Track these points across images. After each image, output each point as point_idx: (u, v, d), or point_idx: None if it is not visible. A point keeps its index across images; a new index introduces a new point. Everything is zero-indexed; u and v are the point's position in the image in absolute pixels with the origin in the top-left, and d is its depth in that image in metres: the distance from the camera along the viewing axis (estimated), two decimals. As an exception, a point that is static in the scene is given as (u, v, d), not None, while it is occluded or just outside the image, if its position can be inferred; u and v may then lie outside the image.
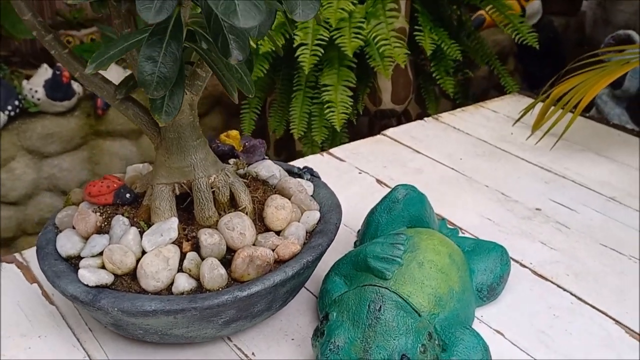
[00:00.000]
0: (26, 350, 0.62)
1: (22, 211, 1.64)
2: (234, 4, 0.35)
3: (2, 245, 1.64)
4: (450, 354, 0.58)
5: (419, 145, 1.01)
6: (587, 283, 0.71)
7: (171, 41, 0.42)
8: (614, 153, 0.99)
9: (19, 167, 1.60)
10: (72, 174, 1.67)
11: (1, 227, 1.61)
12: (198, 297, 0.55)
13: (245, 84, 0.50)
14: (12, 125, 1.59)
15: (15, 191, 1.60)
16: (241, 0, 0.36)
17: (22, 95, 1.61)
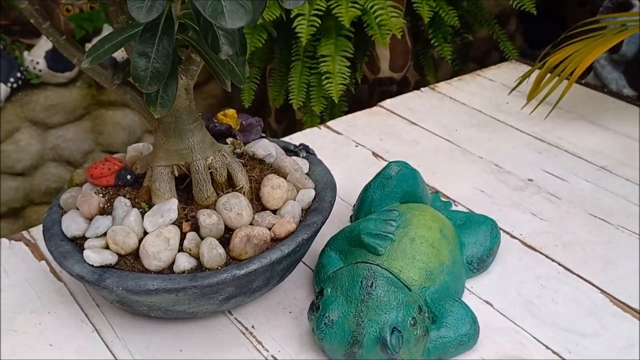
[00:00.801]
0: (37, 326, 0.65)
1: (28, 182, 1.67)
2: (221, 6, 0.37)
3: (11, 215, 1.68)
4: (440, 325, 0.61)
5: (415, 116, 1.03)
6: (574, 253, 0.74)
7: (163, 37, 0.43)
8: (607, 121, 1.01)
9: (24, 138, 1.62)
10: (77, 144, 1.69)
11: (10, 197, 1.64)
12: (198, 276, 0.58)
13: (237, 75, 0.52)
14: (15, 97, 1.60)
15: (21, 162, 1.63)
16: (228, 2, 0.37)
17: (24, 66, 1.62)
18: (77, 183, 0.70)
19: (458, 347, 0.61)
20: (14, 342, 0.63)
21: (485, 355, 0.61)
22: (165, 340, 0.63)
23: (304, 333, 0.64)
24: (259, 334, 0.64)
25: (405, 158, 0.90)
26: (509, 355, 0.61)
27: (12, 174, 1.64)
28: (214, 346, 0.63)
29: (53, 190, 1.70)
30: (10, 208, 1.66)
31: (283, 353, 0.62)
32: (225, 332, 0.64)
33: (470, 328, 0.61)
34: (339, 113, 1.31)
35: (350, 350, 0.57)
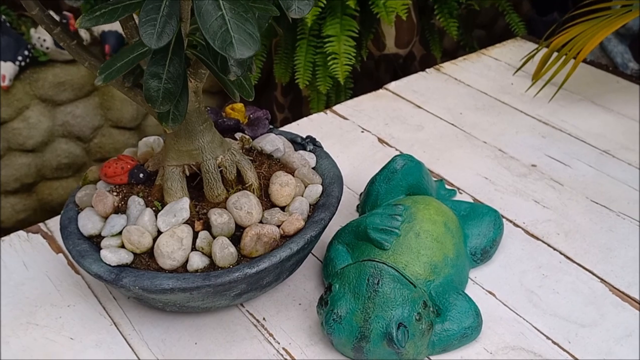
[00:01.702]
0: (57, 320, 0.68)
1: (40, 157, 1.69)
2: (229, 37, 0.38)
3: (24, 191, 1.71)
4: (444, 318, 0.63)
5: (420, 99, 1.04)
6: (575, 242, 0.76)
7: (174, 57, 0.45)
8: (611, 102, 1.02)
9: (34, 115, 1.64)
10: (86, 120, 1.71)
11: (22, 173, 1.67)
12: (211, 275, 0.61)
13: (246, 89, 0.53)
14: (24, 75, 1.61)
15: (32, 139, 1.65)
16: (237, 32, 0.38)
17: (31, 44, 1.63)
18: (91, 180, 0.72)
19: (461, 340, 0.63)
20: (36, 336, 0.66)
21: (487, 346, 0.64)
22: (181, 333, 0.66)
23: (313, 325, 0.66)
24: (270, 326, 0.67)
25: (411, 144, 0.92)
26: (510, 345, 0.64)
27: (23, 151, 1.66)
28: (227, 339, 0.65)
29: (64, 166, 1.72)
30: (23, 184, 1.69)
31: (293, 345, 0.64)
32: (237, 324, 0.67)
33: (473, 321, 0.63)
34: (344, 91, 1.32)
35: (358, 344, 0.60)
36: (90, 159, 1.76)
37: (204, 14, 0.38)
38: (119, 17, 0.44)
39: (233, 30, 0.38)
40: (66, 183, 1.75)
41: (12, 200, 1.70)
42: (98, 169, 0.72)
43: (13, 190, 1.69)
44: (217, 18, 0.38)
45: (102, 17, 0.43)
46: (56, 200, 1.75)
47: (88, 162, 1.76)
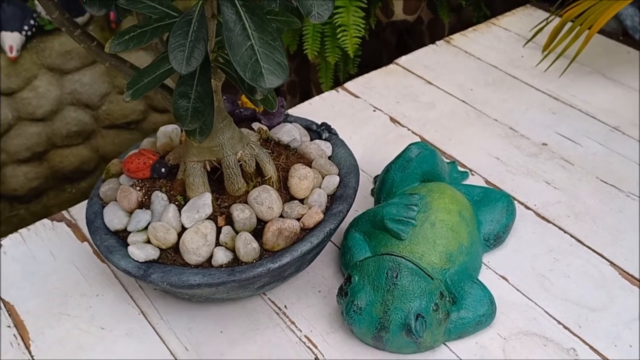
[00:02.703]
0: (88, 310, 0.71)
1: (49, 126, 1.70)
2: (259, 67, 0.39)
3: (35, 159, 1.72)
4: (460, 307, 0.66)
5: (431, 74, 1.04)
6: (585, 224, 0.78)
7: (201, 77, 0.46)
8: (621, 74, 1.02)
9: (42, 84, 1.64)
10: (94, 88, 1.71)
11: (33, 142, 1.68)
12: (236, 270, 0.63)
13: (270, 102, 0.54)
14: (31, 45, 1.61)
15: (41, 108, 1.66)
16: (266, 62, 0.39)
17: (37, 12, 1.62)
18: (113, 174, 0.73)
19: (476, 327, 0.66)
20: (69, 327, 0.69)
21: (500, 332, 0.67)
22: (206, 322, 0.69)
23: (333, 312, 0.69)
24: (292, 313, 0.69)
25: (422, 124, 0.93)
26: (523, 331, 0.67)
27: (33, 120, 1.68)
28: (250, 327, 0.68)
29: (73, 134, 1.73)
30: (35, 152, 1.71)
31: (315, 333, 0.67)
32: (260, 312, 0.70)
33: (487, 309, 0.66)
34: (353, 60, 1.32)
35: (377, 334, 0.63)
36: (100, 126, 1.77)
37: (234, 45, 0.39)
38: (148, 40, 0.45)
39: (263, 61, 0.39)
40: (77, 150, 1.77)
41: (25, 168, 1.72)
42: (120, 163, 0.74)
43: (25, 159, 1.71)
44: (247, 49, 0.39)
45: (132, 41, 0.44)
46: (67, 167, 1.77)
47: (97, 130, 1.77)
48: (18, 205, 1.77)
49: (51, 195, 1.81)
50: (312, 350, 0.66)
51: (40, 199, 1.80)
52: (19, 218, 1.78)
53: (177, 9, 0.49)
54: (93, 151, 1.80)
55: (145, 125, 1.82)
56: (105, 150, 1.80)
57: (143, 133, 1.81)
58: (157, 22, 0.45)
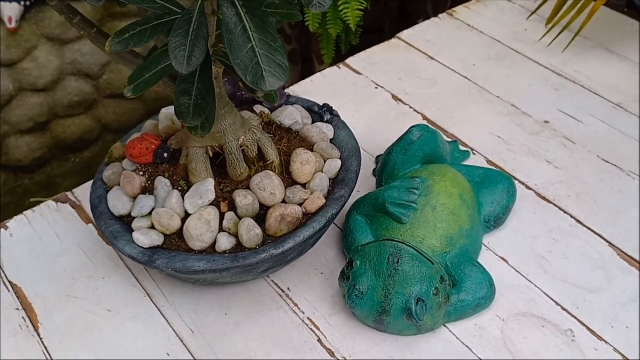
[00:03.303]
0: (95, 292, 0.72)
1: (51, 96, 1.70)
2: (260, 70, 0.39)
3: (38, 130, 1.73)
4: (460, 289, 0.67)
5: (433, 49, 1.03)
6: (586, 204, 0.78)
7: (202, 74, 0.46)
8: (625, 48, 1.01)
9: (42, 55, 1.63)
10: (94, 58, 1.70)
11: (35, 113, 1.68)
12: (239, 256, 0.64)
13: (271, 97, 0.54)
14: (29, 15, 1.60)
15: (42, 79, 1.65)
16: (267, 65, 0.39)
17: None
18: (116, 158, 0.74)
19: (476, 309, 0.67)
20: (78, 309, 0.70)
21: (499, 313, 0.68)
22: (211, 304, 0.70)
23: (335, 294, 0.70)
24: (295, 295, 0.70)
25: (424, 101, 0.93)
26: (522, 312, 0.68)
27: (35, 91, 1.67)
28: (255, 309, 0.69)
29: (75, 104, 1.73)
30: (37, 123, 1.71)
31: (317, 315, 0.69)
32: (264, 294, 0.71)
33: (487, 291, 0.67)
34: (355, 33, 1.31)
35: (379, 318, 0.64)
36: (101, 96, 1.77)
37: (235, 47, 0.39)
38: (149, 38, 0.45)
39: (264, 63, 0.39)
40: (79, 120, 1.77)
41: (28, 139, 1.73)
42: (122, 147, 0.74)
43: (27, 129, 1.71)
44: (248, 51, 0.39)
45: (132, 40, 0.44)
46: (70, 137, 1.77)
47: (99, 100, 1.77)
48: (22, 175, 1.78)
49: (55, 165, 1.82)
50: (315, 332, 0.67)
51: (44, 169, 1.80)
52: (23, 188, 1.79)
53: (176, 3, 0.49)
54: (95, 121, 1.80)
55: (146, 95, 1.82)
56: (107, 120, 1.80)
57: (144, 102, 1.80)
58: (157, 19, 0.45)
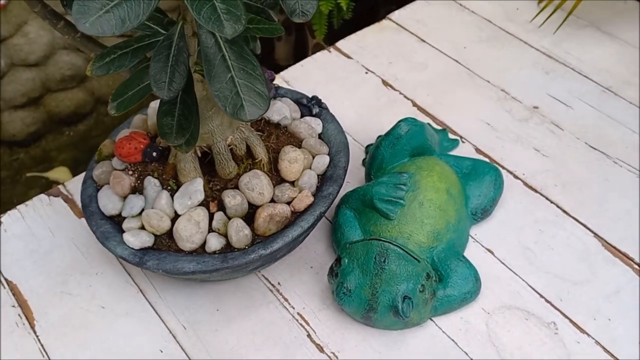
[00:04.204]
0: (88, 288, 0.73)
1: (43, 71, 1.69)
2: (240, 100, 0.39)
3: (32, 104, 1.72)
4: (446, 284, 0.68)
5: (424, 31, 1.03)
6: (572, 193, 0.79)
7: (184, 95, 0.46)
8: (617, 27, 1.01)
9: (33, 30, 1.62)
10: (85, 31, 1.69)
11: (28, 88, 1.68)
12: (229, 257, 0.65)
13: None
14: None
15: (33, 54, 1.64)
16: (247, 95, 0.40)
17: (22, -46, 1.58)
18: (106, 155, 0.74)
19: (461, 303, 0.69)
20: (72, 306, 0.72)
21: (484, 306, 0.70)
22: (203, 300, 0.71)
23: (325, 289, 0.72)
24: (285, 290, 0.72)
25: (414, 86, 0.93)
26: (507, 305, 0.69)
27: (26, 66, 1.66)
28: (245, 304, 0.71)
29: (68, 78, 1.72)
30: (30, 98, 1.70)
31: (307, 310, 0.70)
32: (254, 289, 0.72)
33: (472, 286, 0.69)
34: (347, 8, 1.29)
35: (366, 314, 0.66)
36: (94, 69, 1.76)
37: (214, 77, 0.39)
38: (130, 62, 0.45)
39: (243, 93, 0.40)
40: (72, 94, 1.76)
41: (21, 114, 1.73)
42: (112, 144, 0.75)
43: (21, 104, 1.71)
44: (227, 81, 0.39)
45: (113, 64, 0.44)
46: (64, 111, 1.77)
47: (92, 73, 1.76)
48: (18, 149, 1.79)
49: (50, 138, 1.82)
50: (305, 327, 0.69)
51: (39, 143, 1.81)
52: (19, 162, 1.79)
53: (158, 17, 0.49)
54: (88, 94, 1.79)
55: (139, 67, 1.81)
56: (100, 92, 1.80)
57: (138, 75, 1.79)
58: (137, 42, 0.45)
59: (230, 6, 0.35)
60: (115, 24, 0.35)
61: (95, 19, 0.34)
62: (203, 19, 0.34)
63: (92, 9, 0.35)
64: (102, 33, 0.34)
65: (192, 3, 0.34)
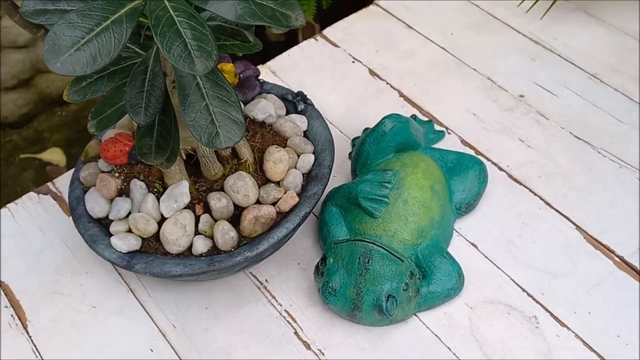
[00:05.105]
0: (79, 288, 0.75)
1: (33, 52, 1.68)
2: (215, 129, 0.40)
3: (22, 86, 1.72)
4: (429, 281, 0.69)
5: (412, 17, 1.02)
6: (555, 185, 0.80)
7: (162, 117, 0.46)
8: (604, 10, 1.00)
9: (20, 11, 1.61)
10: (74, 11, 1.68)
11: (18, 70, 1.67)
12: (215, 260, 0.66)
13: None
14: (4, -30, 1.56)
15: (22, 36, 1.63)
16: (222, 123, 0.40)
17: None
18: (92, 156, 0.75)
19: (445, 299, 0.70)
20: (63, 305, 0.73)
21: (468, 300, 0.71)
22: (192, 298, 0.73)
23: (311, 285, 0.73)
24: (272, 287, 0.73)
25: (401, 76, 0.93)
26: (489, 299, 0.71)
27: (16, 48, 1.66)
28: (234, 301, 0.72)
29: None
30: (20, 79, 1.70)
31: (294, 307, 0.71)
32: (242, 286, 0.73)
33: (455, 282, 0.70)
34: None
35: (351, 313, 0.67)
36: (84, 50, 1.75)
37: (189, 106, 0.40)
38: (106, 86, 0.45)
39: (218, 121, 0.40)
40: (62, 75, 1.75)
41: (12, 96, 1.72)
42: (97, 145, 0.75)
43: (12, 86, 1.70)
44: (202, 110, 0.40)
45: (89, 89, 0.44)
46: (55, 92, 1.76)
47: (82, 53, 1.75)
48: (10, 131, 1.79)
49: (42, 119, 1.82)
50: (292, 325, 0.70)
51: (31, 124, 1.81)
52: (12, 144, 1.80)
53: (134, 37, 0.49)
54: (79, 74, 1.78)
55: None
56: (91, 72, 1.79)
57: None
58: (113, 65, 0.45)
59: (202, 42, 0.35)
60: (86, 62, 0.35)
61: (66, 57, 0.35)
62: (174, 57, 0.34)
63: (63, 47, 0.35)
64: (73, 72, 0.35)
65: (162, 40, 0.35)
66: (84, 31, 0.36)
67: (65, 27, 0.36)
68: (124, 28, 0.37)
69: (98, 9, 0.37)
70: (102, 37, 0.36)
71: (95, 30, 0.36)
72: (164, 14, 0.35)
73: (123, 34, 0.37)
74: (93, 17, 0.36)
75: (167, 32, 0.35)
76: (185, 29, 0.35)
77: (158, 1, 0.36)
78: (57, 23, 0.36)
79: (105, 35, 0.36)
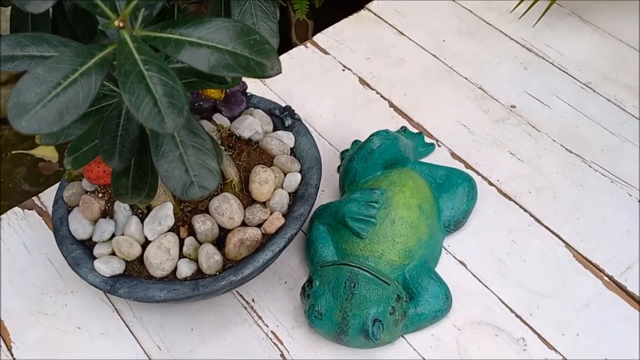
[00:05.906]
0: (64, 308, 0.74)
1: (22, 48, 1.67)
2: (189, 179, 0.39)
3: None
4: (417, 303, 0.69)
5: (403, 22, 1.01)
6: (546, 200, 0.79)
7: (138, 158, 0.45)
8: (598, 16, 0.99)
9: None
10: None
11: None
12: (199, 284, 0.65)
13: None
14: (-8, -34, 1.54)
15: (11, 32, 1.61)
16: (196, 172, 0.39)
17: None
18: (76, 175, 0.74)
19: (432, 320, 0.69)
20: (47, 326, 0.73)
21: (455, 321, 0.70)
22: (178, 319, 0.72)
23: (298, 305, 0.72)
24: (259, 307, 0.73)
25: (392, 85, 0.92)
26: (477, 320, 0.70)
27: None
28: (220, 323, 0.72)
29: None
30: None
31: (280, 328, 0.71)
32: (229, 307, 0.73)
33: (443, 304, 0.69)
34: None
35: (338, 336, 0.66)
36: (74, 45, 1.73)
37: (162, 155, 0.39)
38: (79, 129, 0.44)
39: (193, 170, 0.39)
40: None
41: (4, 91, 1.70)
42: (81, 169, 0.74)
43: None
44: (175, 159, 0.39)
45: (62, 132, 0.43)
46: (46, 87, 1.75)
47: (72, 48, 1.73)
48: (2, 127, 1.77)
49: (33, 114, 1.80)
50: (278, 347, 0.70)
51: (22, 119, 1.79)
52: (4, 140, 1.78)
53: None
54: (70, 69, 1.77)
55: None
56: (83, 67, 1.77)
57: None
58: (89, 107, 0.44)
59: (173, 97, 0.34)
60: (52, 119, 0.34)
61: (31, 116, 0.34)
62: (142, 116, 0.33)
63: (29, 104, 0.34)
64: (39, 131, 0.34)
65: (130, 98, 0.33)
66: (51, 86, 0.35)
67: (31, 82, 0.35)
68: (93, 80, 0.36)
69: (66, 60, 0.35)
70: (69, 92, 0.35)
71: (63, 85, 0.35)
72: (133, 69, 0.34)
73: (92, 86, 0.36)
74: (60, 70, 0.35)
75: (135, 88, 0.34)
76: (156, 84, 0.34)
77: (127, 54, 0.35)
78: (22, 79, 0.35)
79: (73, 89, 0.35)
